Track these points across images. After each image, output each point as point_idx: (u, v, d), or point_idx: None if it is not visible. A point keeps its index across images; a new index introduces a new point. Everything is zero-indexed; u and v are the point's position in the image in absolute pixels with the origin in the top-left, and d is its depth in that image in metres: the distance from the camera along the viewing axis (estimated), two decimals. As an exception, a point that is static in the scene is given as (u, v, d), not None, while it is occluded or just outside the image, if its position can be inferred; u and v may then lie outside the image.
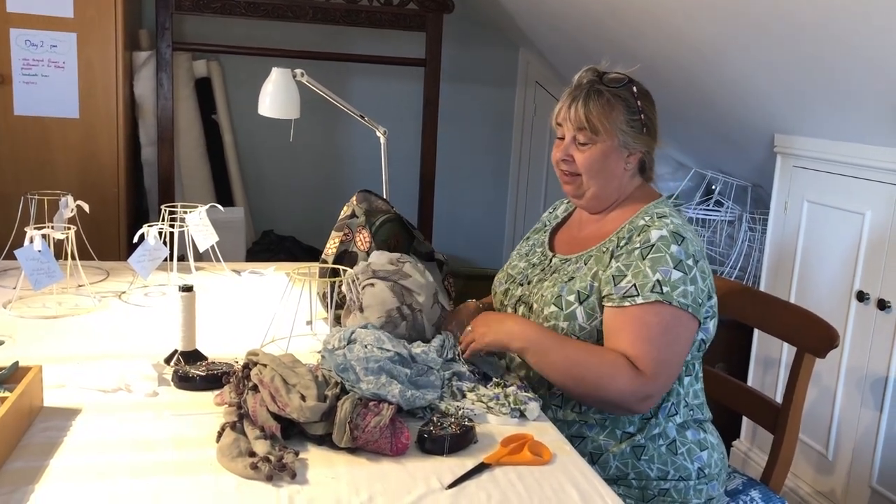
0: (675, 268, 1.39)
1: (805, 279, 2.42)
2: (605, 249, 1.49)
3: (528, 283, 1.60)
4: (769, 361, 2.57)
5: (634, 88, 1.50)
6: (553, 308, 1.48)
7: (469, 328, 1.52)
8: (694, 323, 1.42)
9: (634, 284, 1.40)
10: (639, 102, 1.49)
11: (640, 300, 1.38)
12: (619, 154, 1.50)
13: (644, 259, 1.41)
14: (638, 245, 1.43)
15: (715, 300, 1.48)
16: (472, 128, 4.29)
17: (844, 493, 2.26)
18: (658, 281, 1.39)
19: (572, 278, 1.50)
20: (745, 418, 2.68)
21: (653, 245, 1.42)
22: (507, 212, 4.51)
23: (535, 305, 1.54)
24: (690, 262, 1.41)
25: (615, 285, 1.42)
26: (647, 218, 1.48)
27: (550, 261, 1.60)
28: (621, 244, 1.46)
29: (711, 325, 1.48)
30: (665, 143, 1.58)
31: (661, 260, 1.40)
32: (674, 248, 1.41)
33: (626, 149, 1.50)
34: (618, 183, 1.54)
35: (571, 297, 1.47)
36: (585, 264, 1.51)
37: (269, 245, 3.78)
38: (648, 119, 1.51)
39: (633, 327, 1.39)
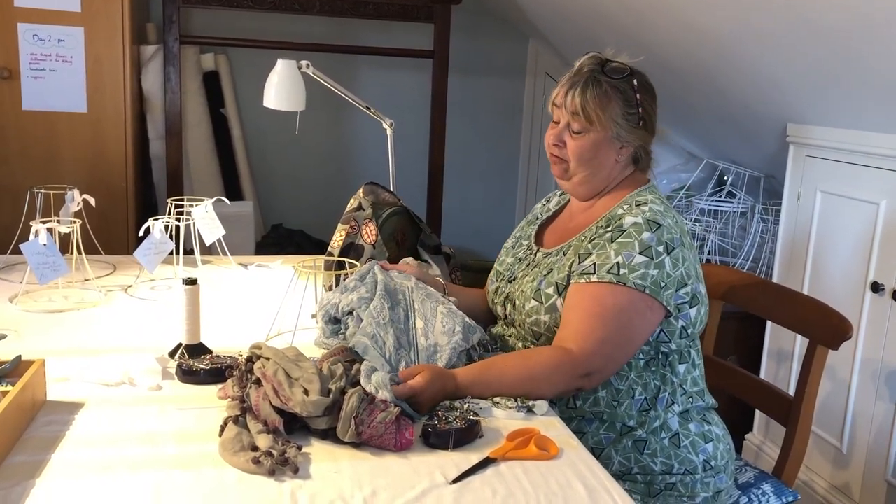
0: (640, 253, 1.38)
1: (818, 270, 2.39)
2: (583, 238, 1.49)
3: (514, 280, 1.59)
4: (782, 354, 2.54)
5: (635, 81, 1.48)
6: (533, 303, 1.48)
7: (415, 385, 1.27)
8: (654, 308, 1.39)
9: (595, 263, 1.40)
10: (638, 96, 1.47)
11: (594, 279, 1.39)
12: (612, 145, 1.49)
13: (612, 242, 1.41)
14: (611, 230, 1.43)
15: (692, 288, 1.42)
16: (481, 119, 4.26)
17: (859, 486, 2.23)
18: (617, 263, 1.38)
19: (551, 270, 1.50)
20: (757, 411, 2.65)
21: (624, 230, 1.41)
22: (516, 204, 4.48)
23: (517, 302, 1.53)
24: (661, 248, 1.39)
25: (579, 263, 1.43)
26: (625, 206, 1.47)
27: (535, 255, 1.60)
28: (599, 232, 1.46)
29: (693, 312, 1.43)
30: (676, 134, 1.55)
31: (627, 245, 1.39)
32: (646, 234, 1.40)
33: (618, 141, 1.49)
34: (607, 173, 1.53)
35: (550, 290, 1.47)
36: (565, 255, 1.51)
37: (278, 239, 3.77)
38: (646, 113, 1.49)
39: (588, 304, 1.39)
